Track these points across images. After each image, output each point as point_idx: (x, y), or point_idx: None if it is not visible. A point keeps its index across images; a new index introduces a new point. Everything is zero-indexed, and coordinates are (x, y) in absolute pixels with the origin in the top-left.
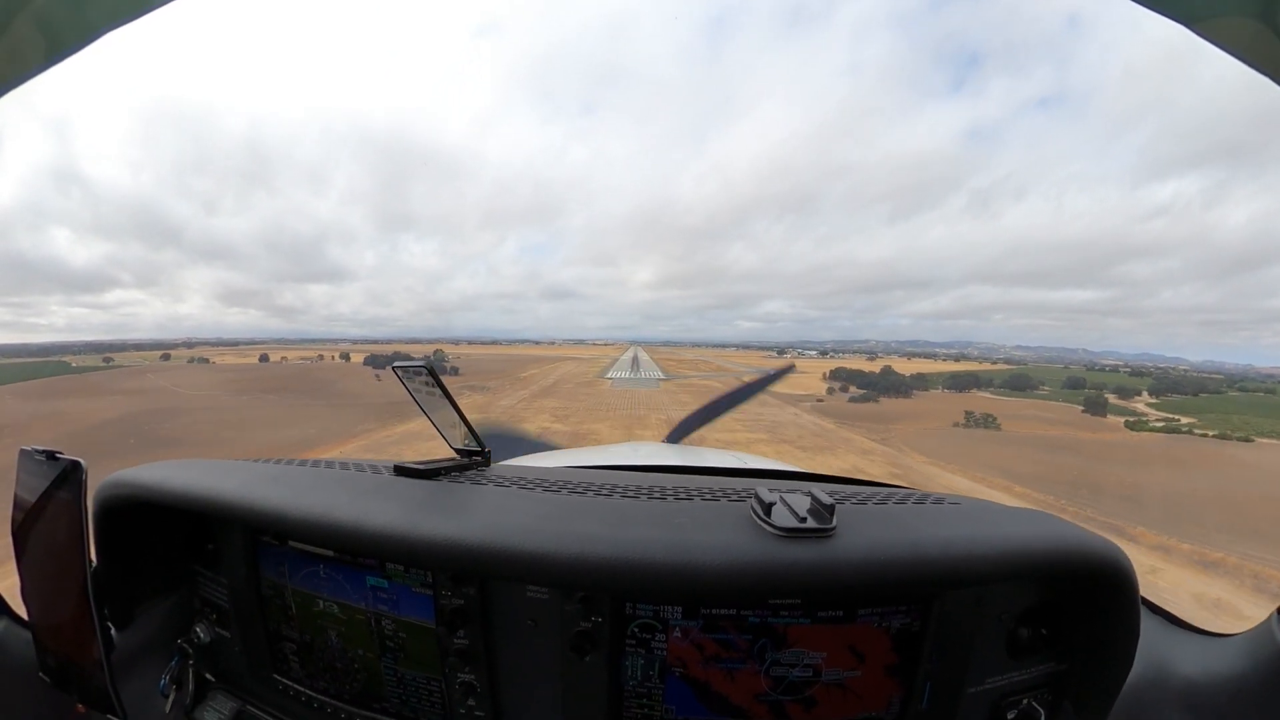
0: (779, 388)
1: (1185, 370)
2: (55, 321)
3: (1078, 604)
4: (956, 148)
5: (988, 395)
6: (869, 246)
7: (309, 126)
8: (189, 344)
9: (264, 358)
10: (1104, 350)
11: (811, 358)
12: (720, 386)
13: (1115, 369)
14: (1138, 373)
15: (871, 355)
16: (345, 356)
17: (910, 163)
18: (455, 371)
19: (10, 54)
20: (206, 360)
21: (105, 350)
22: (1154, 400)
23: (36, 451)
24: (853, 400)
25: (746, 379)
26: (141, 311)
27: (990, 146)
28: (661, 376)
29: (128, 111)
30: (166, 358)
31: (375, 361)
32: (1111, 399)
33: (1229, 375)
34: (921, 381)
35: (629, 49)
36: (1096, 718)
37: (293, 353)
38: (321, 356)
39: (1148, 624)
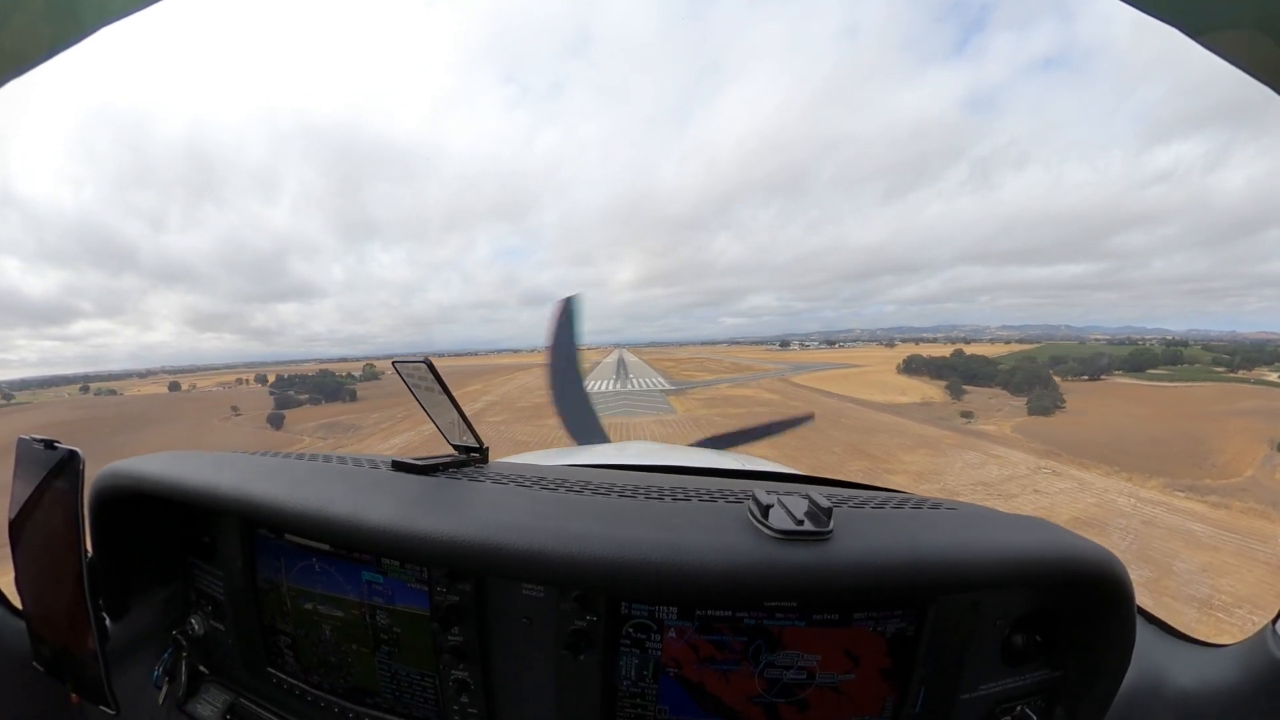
0: (869, 395)
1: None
2: (26, 356)
3: (1073, 611)
4: (957, 115)
5: (1129, 381)
6: (861, 230)
7: (253, 125)
8: (144, 374)
9: (174, 386)
10: (1087, 325)
11: (815, 348)
12: (769, 394)
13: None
14: (1178, 344)
15: (889, 343)
16: (262, 379)
17: (908, 133)
18: (352, 397)
19: (12, 47)
20: (115, 392)
21: (76, 381)
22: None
23: (34, 440)
24: (1034, 413)
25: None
26: (112, 342)
27: (992, 113)
28: (668, 387)
29: (60, 122)
30: (85, 390)
31: (281, 384)
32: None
33: (1235, 343)
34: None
35: (600, 9)
36: None
37: (209, 379)
38: (240, 380)
39: (1143, 633)
